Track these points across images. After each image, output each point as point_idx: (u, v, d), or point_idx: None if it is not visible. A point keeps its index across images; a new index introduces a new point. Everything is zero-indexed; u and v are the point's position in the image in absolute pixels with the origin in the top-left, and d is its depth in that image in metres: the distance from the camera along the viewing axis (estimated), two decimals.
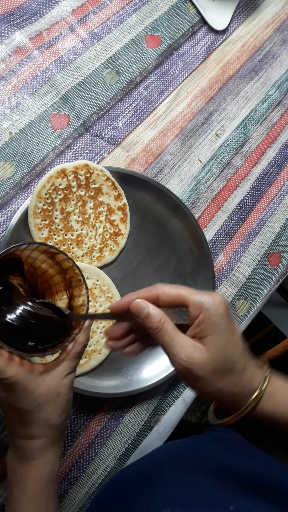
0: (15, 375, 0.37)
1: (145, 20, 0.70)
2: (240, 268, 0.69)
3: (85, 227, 0.59)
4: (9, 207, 0.58)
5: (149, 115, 0.68)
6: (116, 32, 0.67)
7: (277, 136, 0.76)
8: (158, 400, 0.61)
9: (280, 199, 0.74)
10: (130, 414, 0.59)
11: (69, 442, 0.56)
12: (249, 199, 0.72)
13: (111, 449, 0.58)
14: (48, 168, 0.60)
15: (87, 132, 0.63)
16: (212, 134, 0.71)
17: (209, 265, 0.63)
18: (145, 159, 0.66)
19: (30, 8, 0.63)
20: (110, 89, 0.66)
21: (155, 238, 0.63)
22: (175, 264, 0.64)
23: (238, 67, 0.76)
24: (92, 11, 0.67)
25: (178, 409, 0.62)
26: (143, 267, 0.62)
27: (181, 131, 0.69)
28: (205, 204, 0.68)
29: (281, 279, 0.72)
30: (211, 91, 0.73)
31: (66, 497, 0.55)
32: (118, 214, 0.61)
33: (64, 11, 0.65)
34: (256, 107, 0.75)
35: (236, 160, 0.72)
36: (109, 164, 0.64)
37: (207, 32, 0.74)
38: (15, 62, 0.61)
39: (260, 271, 0.70)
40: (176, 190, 0.67)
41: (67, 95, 0.63)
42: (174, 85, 0.70)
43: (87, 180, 0.59)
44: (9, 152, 0.59)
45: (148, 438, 0.60)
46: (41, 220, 0.57)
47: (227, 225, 0.69)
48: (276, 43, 0.80)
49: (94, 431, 0.57)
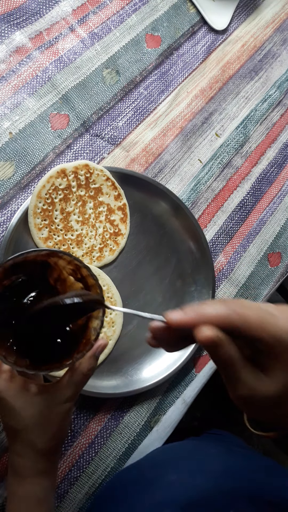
0: (3, 391, 0.36)
1: (145, 20, 0.70)
2: (240, 268, 0.69)
3: (85, 227, 0.59)
4: (9, 207, 0.58)
5: (149, 115, 0.68)
6: (116, 32, 0.67)
7: (277, 136, 0.76)
8: (158, 400, 0.61)
9: (280, 199, 0.74)
10: (130, 414, 0.59)
11: (69, 442, 0.56)
12: (249, 199, 0.72)
13: (111, 449, 0.58)
14: (48, 168, 0.60)
15: (87, 132, 0.63)
16: (212, 134, 0.71)
17: (209, 265, 0.63)
18: (145, 159, 0.66)
19: (30, 8, 0.63)
20: (110, 89, 0.66)
21: (155, 238, 0.63)
22: (175, 264, 0.64)
23: (238, 67, 0.75)
24: (92, 11, 0.67)
25: (178, 409, 0.62)
26: (143, 267, 0.62)
27: (181, 131, 0.69)
28: (205, 204, 0.68)
29: (281, 279, 0.72)
30: (211, 91, 0.73)
31: (66, 497, 0.55)
32: (118, 214, 0.61)
33: (64, 11, 0.65)
34: (256, 107, 0.75)
35: (236, 160, 0.72)
36: (109, 164, 0.64)
37: (207, 32, 0.74)
38: (15, 62, 0.61)
39: (260, 271, 0.70)
40: (176, 190, 0.67)
41: (67, 95, 0.63)
42: (174, 85, 0.70)
43: (87, 180, 0.59)
44: (9, 152, 0.59)
45: (148, 438, 0.60)
46: (41, 220, 0.57)
47: (227, 225, 0.69)
48: (276, 43, 0.80)
49: (94, 431, 0.57)
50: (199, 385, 0.63)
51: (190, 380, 0.63)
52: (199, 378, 0.63)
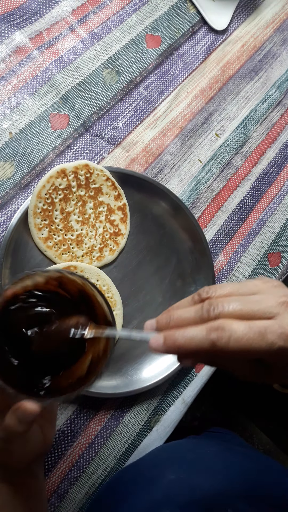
0: None
1: (145, 20, 0.70)
2: (240, 268, 0.69)
3: (85, 227, 0.59)
4: (9, 207, 0.58)
5: (149, 115, 0.68)
6: (116, 32, 0.67)
7: (277, 136, 0.76)
8: (158, 400, 0.61)
9: (280, 199, 0.74)
10: (130, 414, 0.59)
11: (69, 442, 0.56)
12: (249, 199, 0.72)
13: (111, 449, 0.58)
14: (48, 168, 0.60)
15: (87, 132, 0.63)
16: (212, 134, 0.71)
17: (209, 265, 0.63)
18: (145, 159, 0.66)
19: (30, 8, 0.63)
20: (110, 89, 0.66)
21: (155, 238, 0.63)
22: (175, 264, 0.64)
23: (238, 67, 0.75)
24: (92, 11, 0.67)
25: (178, 409, 0.62)
26: (143, 267, 0.62)
27: (181, 131, 0.69)
28: (205, 204, 0.68)
29: (281, 279, 0.72)
30: (211, 91, 0.73)
31: (66, 497, 0.55)
32: (118, 214, 0.61)
33: (64, 11, 0.65)
34: (256, 107, 0.75)
35: (236, 160, 0.72)
36: (109, 164, 0.64)
37: (207, 32, 0.74)
38: (15, 62, 0.61)
39: (260, 271, 0.70)
40: (176, 190, 0.67)
41: (67, 95, 0.63)
42: (174, 85, 0.70)
43: (87, 180, 0.59)
44: (9, 152, 0.59)
45: (148, 438, 0.60)
46: (41, 220, 0.57)
47: (227, 225, 0.69)
48: (276, 43, 0.80)
49: (94, 431, 0.57)
50: (199, 385, 0.63)
51: (190, 380, 0.63)
52: (199, 378, 0.63)
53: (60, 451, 0.55)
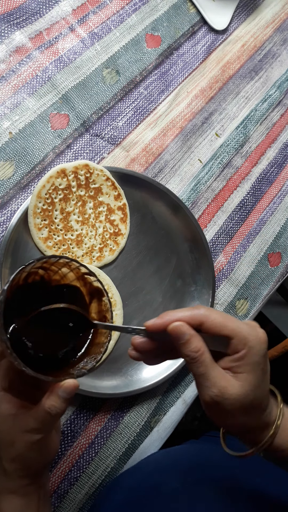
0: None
1: (145, 20, 0.70)
2: (240, 268, 0.69)
3: (85, 227, 0.59)
4: (9, 207, 0.58)
5: (149, 115, 0.68)
6: (116, 32, 0.67)
7: (277, 136, 0.76)
8: (158, 400, 0.61)
9: (280, 199, 0.74)
10: (130, 414, 0.59)
11: (69, 442, 0.56)
12: (249, 199, 0.72)
13: (111, 449, 0.58)
14: (48, 168, 0.60)
15: (87, 132, 0.63)
16: (212, 134, 0.71)
17: (209, 265, 0.63)
18: (145, 159, 0.66)
19: (30, 8, 0.63)
20: (110, 89, 0.66)
21: (155, 238, 0.63)
22: (175, 264, 0.64)
23: (238, 67, 0.75)
24: (92, 11, 0.67)
25: (178, 409, 0.62)
26: (143, 267, 0.62)
27: (181, 131, 0.69)
28: (205, 204, 0.68)
29: (281, 279, 0.72)
30: (211, 91, 0.73)
31: (66, 497, 0.55)
32: (118, 214, 0.61)
33: (64, 11, 0.65)
34: (256, 107, 0.75)
35: (236, 160, 0.72)
36: (109, 164, 0.64)
37: (207, 32, 0.74)
38: (15, 62, 0.61)
39: (260, 271, 0.70)
40: (176, 190, 0.67)
41: (67, 95, 0.63)
42: (174, 85, 0.70)
43: (87, 180, 0.59)
44: (9, 152, 0.58)
45: (148, 439, 0.60)
46: (41, 220, 0.57)
47: (227, 225, 0.69)
48: (276, 43, 0.80)
49: (94, 431, 0.57)
50: None
51: (190, 380, 0.63)
52: None
53: (60, 451, 0.55)
